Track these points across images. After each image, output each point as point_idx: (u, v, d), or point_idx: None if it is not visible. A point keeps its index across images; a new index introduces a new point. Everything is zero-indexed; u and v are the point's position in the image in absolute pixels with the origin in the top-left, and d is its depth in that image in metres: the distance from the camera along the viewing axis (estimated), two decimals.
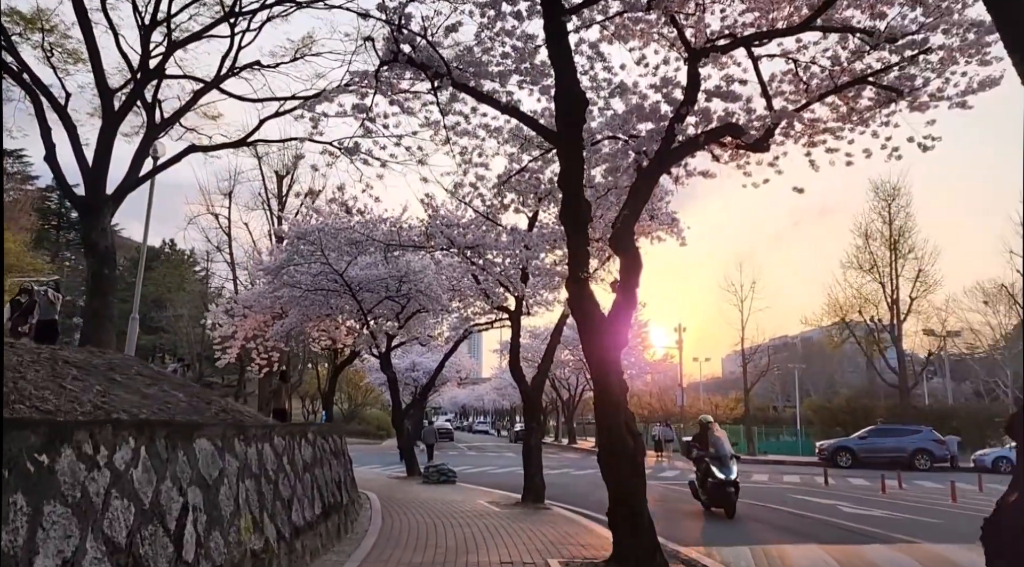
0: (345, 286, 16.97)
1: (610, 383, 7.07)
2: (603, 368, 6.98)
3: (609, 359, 7.00)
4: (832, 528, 11.84)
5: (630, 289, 7.24)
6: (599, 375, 7.00)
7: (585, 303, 6.93)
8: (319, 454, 8.79)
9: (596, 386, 7.08)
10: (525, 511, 12.29)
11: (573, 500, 15.23)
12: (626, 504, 7.16)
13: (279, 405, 18.48)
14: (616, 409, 7.14)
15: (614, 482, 7.26)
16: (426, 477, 17.89)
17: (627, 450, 7.18)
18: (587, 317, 6.88)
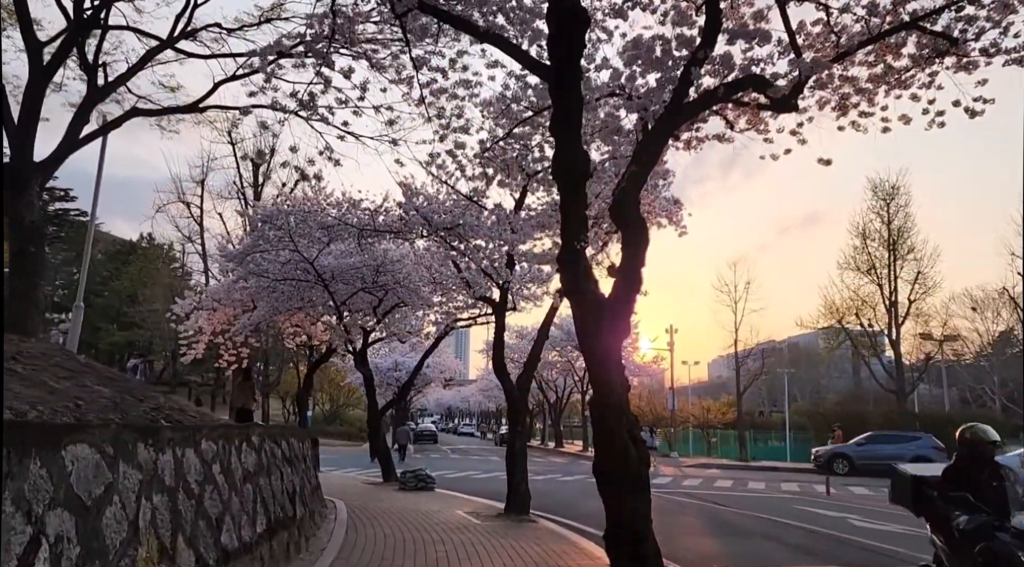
0: (316, 276, 15.67)
1: (610, 380, 5.85)
2: (603, 362, 5.77)
3: (610, 351, 5.78)
4: (850, 547, 10.67)
5: (634, 269, 6.03)
6: (598, 370, 5.78)
7: (582, 281, 5.70)
8: (266, 461, 7.51)
9: (594, 383, 5.86)
10: (508, 524, 11.05)
11: (561, 510, 14.00)
12: (628, 526, 5.94)
13: (241, 404, 17.16)
14: (617, 411, 5.92)
15: (613, 499, 6.04)
16: (403, 483, 16.61)
17: (630, 461, 5.96)
18: (584, 298, 5.66)
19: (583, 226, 5.77)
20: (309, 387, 23.78)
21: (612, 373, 5.84)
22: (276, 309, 17.68)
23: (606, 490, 6.18)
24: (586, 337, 5.79)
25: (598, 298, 5.70)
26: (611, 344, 5.76)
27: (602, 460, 6.14)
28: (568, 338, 40.16)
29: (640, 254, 6.09)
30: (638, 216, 6.11)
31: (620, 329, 5.85)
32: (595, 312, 5.65)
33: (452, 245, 11.08)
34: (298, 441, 10.15)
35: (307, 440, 11.58)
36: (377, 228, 13.45)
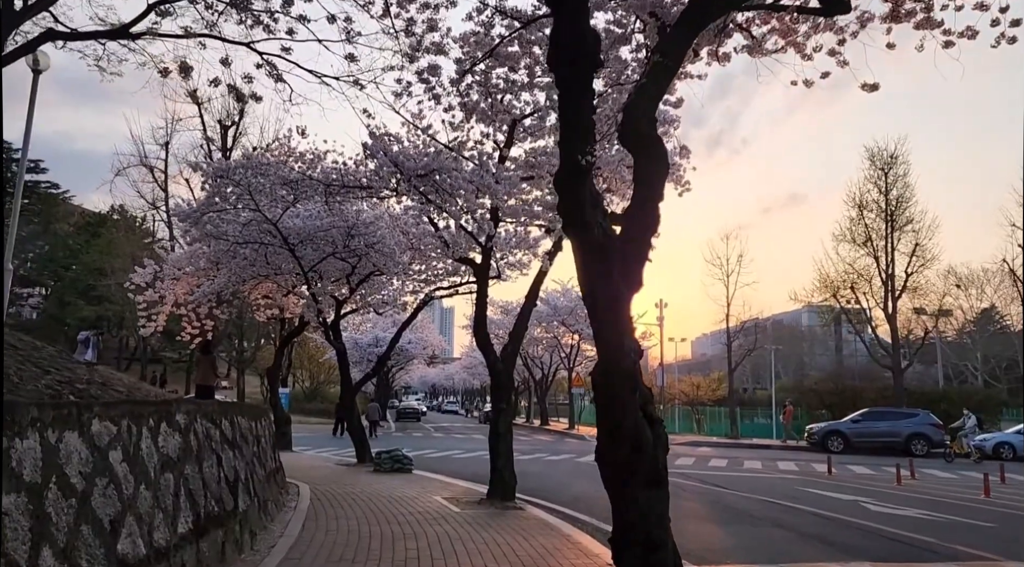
0: (281, 239, 14.26)
1: (620, 342, 4.58)
2: (610, 318, 4.48)
3: (619, 303, 4.51)
4: (870, 535, 9.54)
5: (651, 201, 4.73)
6: (604, 329, 4.51)
7: (587, 209, 4.40)
8: (196, 444, 6.17)
9: (600, 345, 4.59)
10: (491, 512, 9.82)
11: (549, 494, 12.80)
12: (640, 528, 4.69)
13: (202, 380, 15.77)
14: (627, 381, 4.66)
15: (622, 494, 4.79)
16: (378, 464, 15.36)
17: (644, 445, 4.70)
18: (589, 235, 4.37)
19: (589, 134, 4.44)
20: (279, 363, 22.41)
21: (622, 333, 4.55)
22: (239, 277, 16.26)
23: (613, 483, 4.92)
24: (590, 285, 4.49)
25: (607, 234, 4.40)
26: (621, 294, 4.47)
27: (608, 445, 4.88)
28: (555, 313, 38.95)
29: (658, 183, 4.78)
30: (654, 135, 4.78)
31: (632, 276, 4.56)
32: (602, 253, 4.36)
33: (428, 198, 9.71)
34: (251, 419, 8.82)
35: (264, 417, 10.27)
36: (346, 183, 12.04)
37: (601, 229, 4.38)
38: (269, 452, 10.07)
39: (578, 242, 4.47)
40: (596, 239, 4.35)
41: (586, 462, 20.61)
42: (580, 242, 4.43)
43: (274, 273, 16.19)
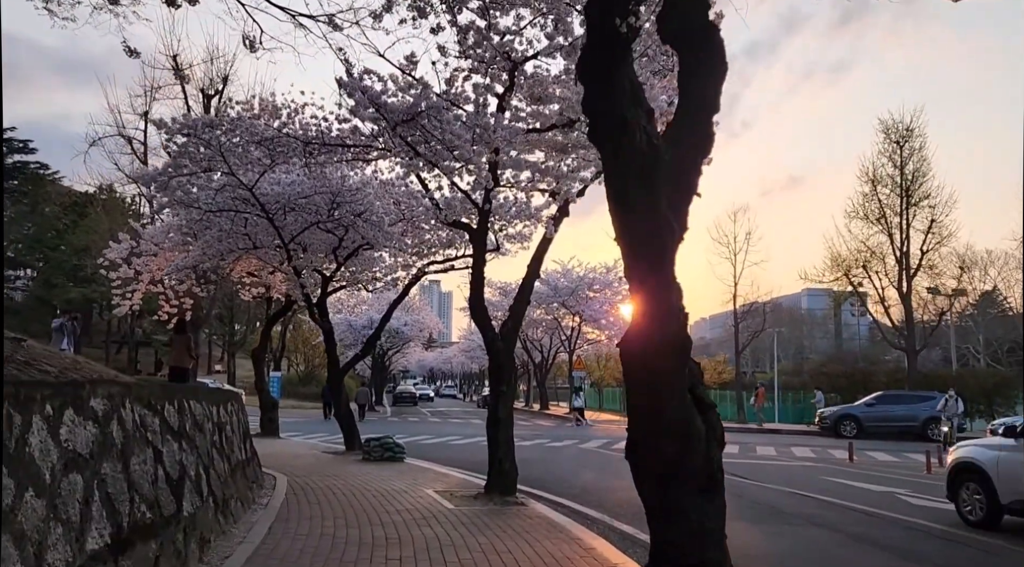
0: (259, 207, 12.97)
1: (665, 301, 3.33)
2: (655, 266, 3.23)
3: (666, 244, 3.25)
4: (924, 536, 8.37)
5: (704, 113, 3.46)
6: (646, 282, 3.26)
7: (625, 104, 3.13)
8: (123, 436, 4.94)
9: (638, 307, 3.34)
10: (490, 510, 8.62)
11: (553, 485, 11.64)
12: (689, 550, 3.47)
13: (176, 362, 14.54)
14: (674, 356, 3.42)
15: (664, 504, 3.57)
16: (367, 453, 14.18)
17: (692, 441, 3.49)
18: (629, 138, 3.11)
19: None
20: (266, 344, 21.19)
21: (668, 286, 3.32)
22: (216, 250, 14.97)
23: (650, 488, 3.70)
24: (626, 215, 3.25)
25: (653, 142, 3.15)
26: (668, 229, 3.23)
27: (645, 438, 3.65)
28: (555, 294, 37.72)
29: (712, 87, 3.51)
30: (706, 19, 3.50)
31: (681, 206, 3.31)
32: (645, 168, 3.12)
33: (416, 151, 8.42)
34: (210, 404, 7.59)
35: (231, 402, 9.04)
36: (326, 141, 10.75)
37: (645, 134, 3.13)
38: (237, 442, 8.85)
39: (612, 153, 3.22)
40: (638, 147, 3.10)
41: (590, 449, 19.48)
42: (615, 153, 3.19)
43: (254, 246, 14.90)
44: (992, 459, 8.73)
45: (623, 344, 3.69)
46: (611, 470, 14.50)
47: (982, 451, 9.12)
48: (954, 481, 9.27)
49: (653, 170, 3.12)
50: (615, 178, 3.27)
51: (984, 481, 8.67)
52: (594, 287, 37.99)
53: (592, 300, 38.23)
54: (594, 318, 39.11)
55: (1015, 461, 8.36)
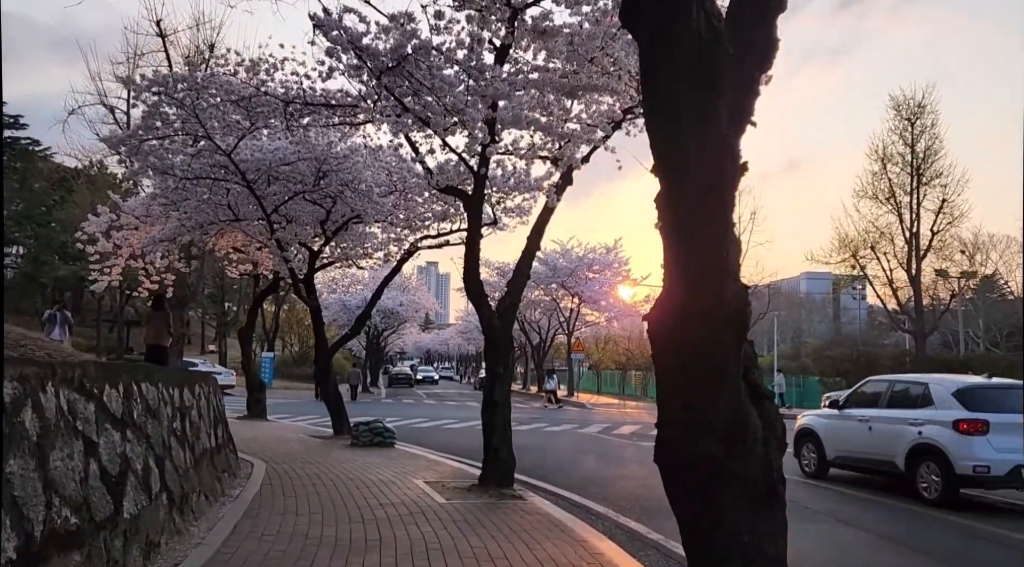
0: (239, 174, 12.06)
1: (718, 260, 2.48)
2: (710, 210, 2.37)
3: (726, 178, 2.39)
4: (960, 534, 7.59)
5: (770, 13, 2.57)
6: (698, 232, 2.41)
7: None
8: (39, 426, 4.09)
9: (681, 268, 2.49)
10: (484, 504, 7.81)
11: (553, 474, 10.86)
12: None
13: (154, 339, 13.71)
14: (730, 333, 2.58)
15: (706, 519, 2.75)
16: (355, 438, 13.37)
17: (747, 440, 2.65)
18: (682, 28, 2.24)
19: None
20: (253, 322, 20.35)
21: (723, 241, 2.46)
22: (197, 222, 14.06)
23: (687, 498, 2.86)
24: (670, 122, 2.38)
25: (711, 19, 2.27)
26: (728, 154, 2.37)
27: (682, 435, 2.80)
28: (554, 275, 36.84)
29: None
30: None
31: (736, 130, 2.45)
32: (701, 52, 2.24)
33: (404, 105, 7.50)
34: (171, 386, 6.74)
35: (200, 384, 8.19)
36: (308, 100, 9.82)
37: (703, 12, 2.24)
38: (205, 428, 8.02)
39: (655, 39, 2.34)
40: (694, 28, 2.23)
41: (589, 434, 18.73)
42: (659, 37, 2.30)
43: (236, 218, 13.99)
44: (822, 425, 11.65)
45: (655, 315, 2.83)
46: (613, 458, 13.75)
47: (816, 419, 12.00)
48: (796, 442, 11.95)
49: (714, 64, 2.25)
50: (658, 77, 2.40)
51: (816, 440, 11.64)
52: (594, 268, 37.14)
53: (591, 281, 37.41)
54: (593, 299, 38.31)
55: (837, 427, 11.26)
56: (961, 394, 9.67)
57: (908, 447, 9.74)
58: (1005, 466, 8.81)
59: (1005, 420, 9.03)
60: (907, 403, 10.34)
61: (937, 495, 9.21)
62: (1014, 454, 8.71)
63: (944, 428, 9.34)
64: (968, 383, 10.28)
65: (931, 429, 9.51)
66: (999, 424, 9.05)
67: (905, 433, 9.83)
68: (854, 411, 11.03)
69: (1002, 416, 9.11)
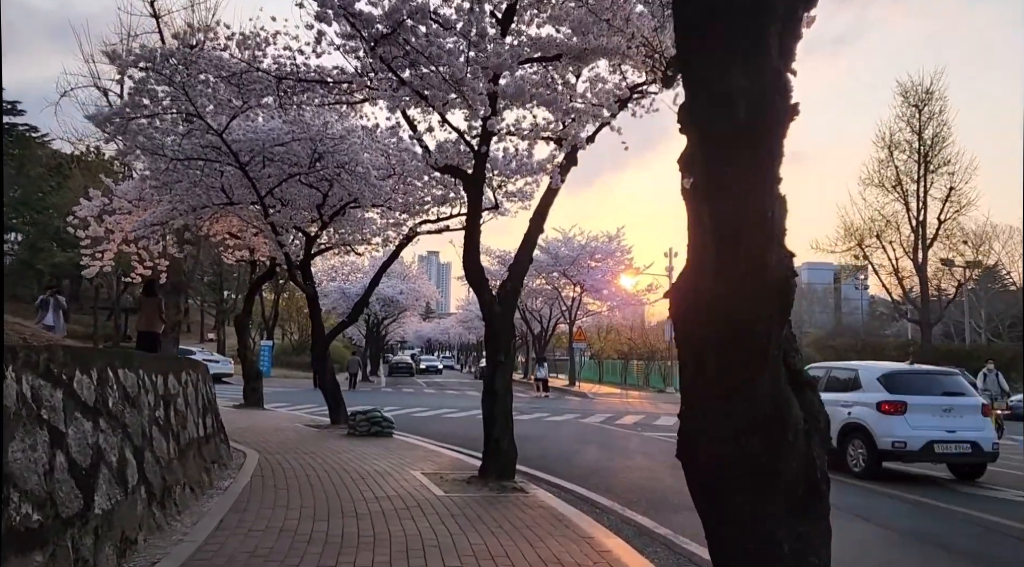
0: (232, 155, 11.66)
1: (764, 211, 2.09)
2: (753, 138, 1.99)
3: (774, 105, 2.01)
4: (988, 533, 7.25)
5: None
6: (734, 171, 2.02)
7: None
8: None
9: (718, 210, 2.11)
10: (485, 497, 7.47)
11: (555, 465, 10.53)
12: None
13: (145, 326, 13.36)
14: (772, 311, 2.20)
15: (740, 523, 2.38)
16: (352, 427, 13.04)
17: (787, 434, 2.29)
18: None
19: None
20: (249, 310, 20.00)
21: (771, 191, 2.09)
22: (189, 205, 13.67)
23: (716, 498, 2.50)
24: (705, 47, 1.99)
25: None
26: (778, 89, 1.99)
27: (711, 427, 2.43)
28: (555, 263, 36.44)
29: None
30: None
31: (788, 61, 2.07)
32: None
33: (401, 79, 7.09)
34: (154, 373, 6.38)
35: (188, 371, 7.84)
36: (302, 76, 9.42)
37: None
38: (193, 417, 7.67)
39: None
40: None
41: (592, 424, 18.40)
42: None
43: (230, 202, 13.60)
44: None
45: (680, 287, 2.46)
46: (617, 448, 13.42)
47: None
48: None
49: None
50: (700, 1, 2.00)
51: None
52: (596, 256, 36.73)
53: (594, 270, 37.01)
54: (596, 288, 37.93)
55: None
56: (884, 379, 10.74)
57: (840, 426, 10.62)
58: (919, 442, 9.95)
59: (921, 402, 10.22)
60: (840, 387, 11.21)
61: (863, 468, 10.32)
62: (928, 431, 9.99)
63: (869, 409, 10.43)
64: (891, 369, 11.38)
65: (858, 410, 10.60)
66: (916, 405, 10.17)
67: (837, 413, 10.49)
68: None
69: (919, 398, 10.27)
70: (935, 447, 9.98)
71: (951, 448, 10.01)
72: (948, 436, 10.02)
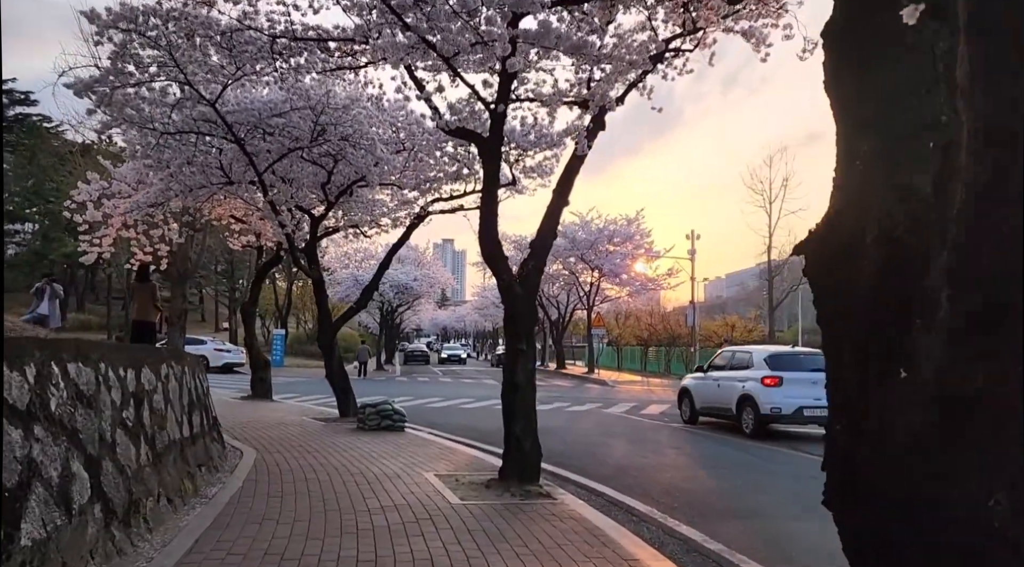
0: (225, 127, 10.72)
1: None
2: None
3: None
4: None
5: None
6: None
7: None
8: None
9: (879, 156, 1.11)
10: (506, 505, 6.53)
11: (581, 462, 9.58)
12: None
13: (139, 315, 12.50)
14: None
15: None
16: (361, 421, 12.16)
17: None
18: None
19: None
20: (256, 298, 19.15)
21: None
22: (185, 185, 12.78)
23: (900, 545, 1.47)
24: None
25: None
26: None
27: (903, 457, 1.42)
28: (573, 247, 35.35)
29: None
30: None
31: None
32: None
33: (405, 23, 6.09)
34: (118, 365, 5.47)
35: (168, 363, 6.93)
36: (297, 35, 8.47)
37: None
38: (175, 416, 6.76)
39: None
40: None
41: (616, 414, 17.43)
42: None
43: (229, 181, 12.68)
44: (693, 385, 15.31)
45: (822, 233, 1.46)
46: (647, 442, 12.45)
47: (691, 381, 15.67)
48: (679, 398, 15.97)
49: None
50: None
51: (689, 396, 15.24)
52: (614, 240, 35.61)
53: (612, 254, 35.90)
54: (614, 272, 36.84)
55: (700, 385, 14.95)
56: (769, 359, 13.52)
57: (737, 397, 13.49)
58: (792, 407, 12.65)
59: (794, 377, 12.82)
60: (739, 366, 14.05)
61: (752, 429, 13.02)
62: (799, 399, 12.57)
63: (756, 383, 13.10)
64: (774, 351, 14.28)
65: (749, 384, 13.27)
66: (789, 379, 12.82)
67: (736, 387, 13.58)
68: (712, 374, 14.75)
69: (792, 373, 12.90)
70: (804, 411, 12.58)
71: (817, 412, 12.21)
72: (815, 402, 12.22)
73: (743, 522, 6.77)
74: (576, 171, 8.10)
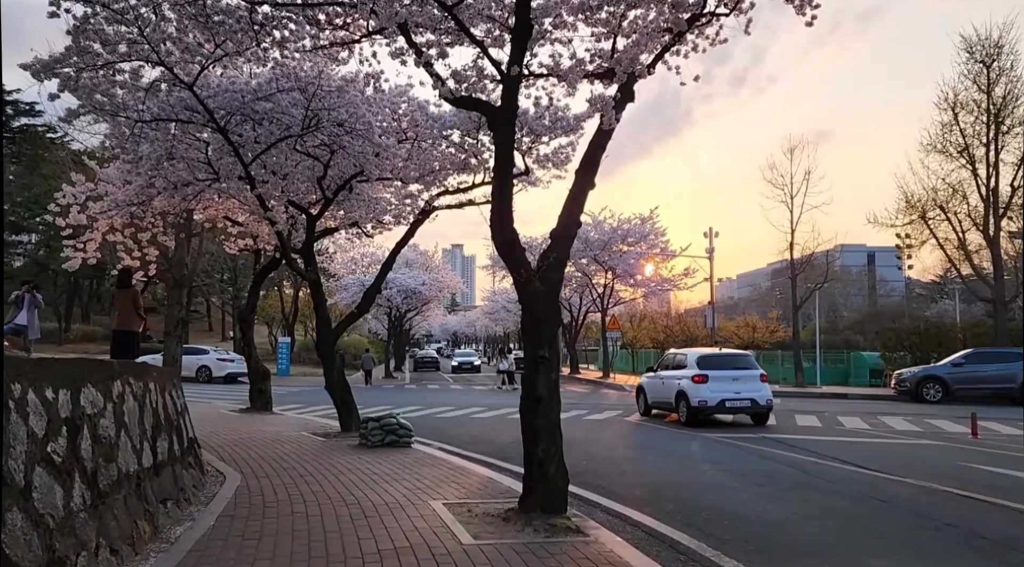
0: (206, 113, 9.65)
1: None
2: None
3: None
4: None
5: None
6: None
7: None
8: None
9: None
10: (530, 546, 5.38)
11: (612, 484, 8.42)
12: None
13: (120, 324, 11.42)
14: None
15: None
16: (364, 437, 11.05)
17: None
18: None
19: None
20: (254, 304, 18.10)
21: None
22: (169, 182, 11.73)
23: None
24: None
25: None
26: None
27: None
28: (586, 248, 34.14)
29: None
30: None
31: None
32: None
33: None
34: (45, 385, 4.37)
35: (123, 379, 5.82)
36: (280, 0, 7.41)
37: None
38: (132, 443, 5.65)
39: None
40: None
41: (638, 423, 16.25)
42: None
43: (216, 177, 11.62)
44: (646, 383, 17.68)
45: None
46: (678, 456, 11.25)
47: (645, 379, 17.92)
48: (636, 394, 18.44)
49: None
50: None
51: (644, 392, 17.68)
52: (628, 240, 34.42)
53: (626, 254, 34.70)
54: (628, 273, 35.67)
55: (651, 383, 17.37)
56: (699, 360, 15.67)
57: (675, 392, 15.70)
58: (716, 400, 14.84)
59: (718, 374, 15.08)
60: (678, 366, 16.24)
61: (685, 420, 15.27)
62: (721, 394, 14.81)
63: (688, 380, 15.28)
64: (704, 353, 16.37)
65: (684, 382, 15.44)
66: (714, 376, 15.04)
67: (674, 385, 15.79)
68: (660, 373, 17.04)
69: (717, 371, 15.16)
70: (726, 403, 14.80)
71: (737, 404, 14.83)
72: (735, 396, 14.81)
73: (817, 560, 5.60)
74: (603, 148, 6.96)
